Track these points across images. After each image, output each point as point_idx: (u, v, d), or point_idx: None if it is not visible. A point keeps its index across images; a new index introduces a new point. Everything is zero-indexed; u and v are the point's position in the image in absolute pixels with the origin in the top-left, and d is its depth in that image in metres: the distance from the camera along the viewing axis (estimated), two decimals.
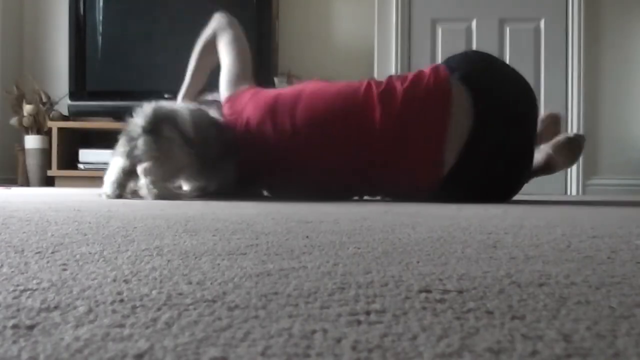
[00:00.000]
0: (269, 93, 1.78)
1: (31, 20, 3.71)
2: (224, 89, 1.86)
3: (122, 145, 1.61)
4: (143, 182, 1.58)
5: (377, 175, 1.65)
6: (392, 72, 3.41)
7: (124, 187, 1.62)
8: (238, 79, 1.85)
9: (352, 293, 0.39)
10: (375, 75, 3.41)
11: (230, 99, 1.82)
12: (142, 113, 1.61)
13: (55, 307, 0.34)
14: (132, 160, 1.59)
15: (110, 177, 1.62)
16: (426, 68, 1.71)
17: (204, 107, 1.79)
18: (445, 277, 0.45)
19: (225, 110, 1.80)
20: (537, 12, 3.30)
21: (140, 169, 1.58)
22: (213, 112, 1.78)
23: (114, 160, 1.64)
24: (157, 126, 1.58)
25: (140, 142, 1.57)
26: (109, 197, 1.61)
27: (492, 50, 2.01)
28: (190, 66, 1.96)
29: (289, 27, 3.59)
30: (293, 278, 0.44)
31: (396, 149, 1.61)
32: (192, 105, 1.77)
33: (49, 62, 3.68)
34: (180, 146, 1.61)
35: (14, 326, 0.29)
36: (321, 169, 1.68)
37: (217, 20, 1.98)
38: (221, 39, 1.94)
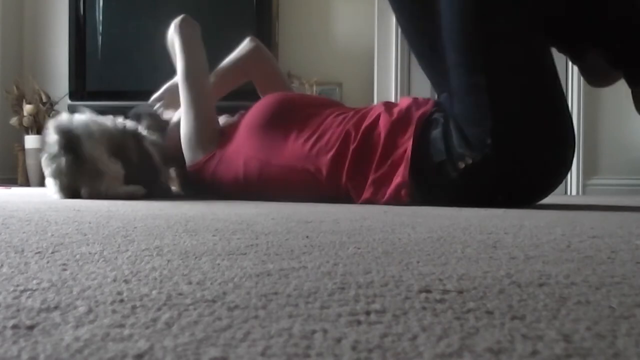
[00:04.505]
0: (230, 169, 1.62)
1: (31, 20, 3.72)
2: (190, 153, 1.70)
3: (46, 165, 1.55)
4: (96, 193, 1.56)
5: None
6: (392, 72, 3.41)
7: (67, 194, 1.58)
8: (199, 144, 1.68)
9: (352, 293, 0.39)
10: (375, 76, 3.41)
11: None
12: (57, 129, 1.54)
13: (55, 307, 0.34)
14: (62, 180, 1.55)
15: (53, 187, 1.59)
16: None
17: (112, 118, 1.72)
18: (445, 277, 0.45)
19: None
20: None
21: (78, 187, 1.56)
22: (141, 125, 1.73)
23: (48, 181, 1.59)
24: (76, 144, 1.52)
25: (63, 164, 1.52)
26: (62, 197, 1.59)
27: None
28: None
29: (289, 27, 3.60)
30: (293, 278, 0.44)
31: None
32: (99, 118, 1.70)
33: (49, 62, 3.69)
34: (107, 160, 1.56)
35: (14, 326, 0.29)
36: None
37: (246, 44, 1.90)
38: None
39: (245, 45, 1.91)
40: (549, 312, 0.34)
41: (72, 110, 3.31)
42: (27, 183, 3.43)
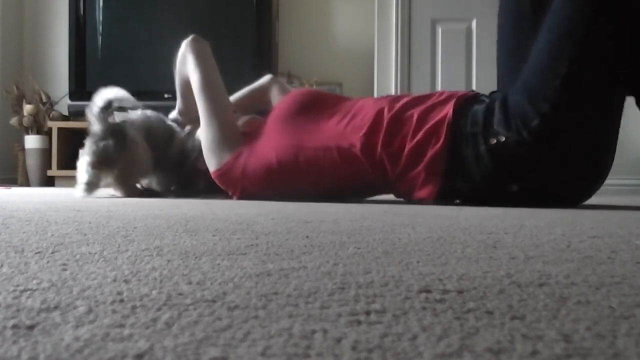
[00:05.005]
0: (261, 160, 1.61)
1: (31, 20, 3.72)
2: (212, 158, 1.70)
3: (89, 145, 1.70)
4: (112, 181, 1.71)
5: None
6: (392, 72, 3.41)
7: (96, 185, 1.71)
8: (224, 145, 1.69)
9: (352, 293, 0.39)
10: (375, 76, 3.41)
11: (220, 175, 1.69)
12: (102, 121, 1.71)
13: (55, 307, 0.34)
14: (101, 160, 1.68)
15: (82, 177, 1.70)
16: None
17: (161, 115, 1.85)
18: (445, 277, 0.45)
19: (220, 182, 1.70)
20: None
21: (109, 169, 1.70)
22: (169, 121, 1.86)
23: (82, 160, 1.71)
24: (123, 128, 1.70)
25: (109, 144, 1.67)
26: (84, 195, 1.68)
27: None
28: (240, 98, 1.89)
29: (289, 27, 3.60)
30: (293, 278, 0.44)
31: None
32: (149, 112, 1.83)
33: (49, 62, 3.69)
34: (145, 148, 1.72)
35: (14, 326, 0.29)
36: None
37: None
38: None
39: (264, 78, 1.97)
40: (549, 312, 0.34)
41: (72, 109, 3.31)
42: (27, 183, 3.43)
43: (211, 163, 1.68)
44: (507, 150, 1.36)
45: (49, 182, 3.38)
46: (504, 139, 1.36)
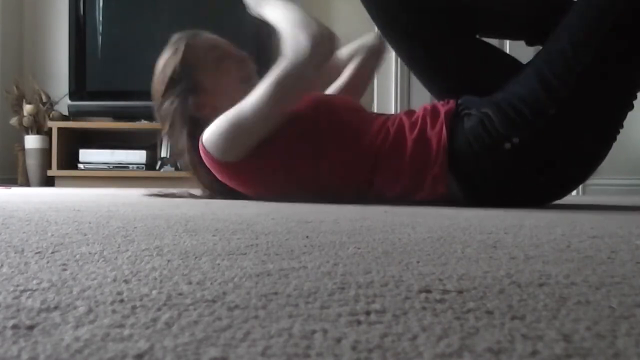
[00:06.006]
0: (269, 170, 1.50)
1: (31, 20, 3.72)
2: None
3: None
4: None
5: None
6: (392, 73, 3.41)
7: None
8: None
9: (352, 293, 0.39)
10: (375, 76, 3.41)
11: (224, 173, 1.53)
12: None
13: (55, 307, 0.34)
14: None
15: None
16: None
17: None
18: (445, 277, 0.45)
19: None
20: None
21: None
22: None
23: None
24: None
25: None
26: None
27: None
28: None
29: None
30: (293, 278, 0.44)
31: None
32: None
33: (49, 62, 3.69)
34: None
35: (14, 326, 0.29)
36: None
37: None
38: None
39: (371, 37, 1.87)
40: (549, 312, 0.34)
41: (72, 109, 3.31)
42: (27, 183, 3.43)
43: (211, 146, 1.47)
44: (525, 148, 1.34)
45: (49, 182, 3.38)
46: (517, 140, 1.33)
